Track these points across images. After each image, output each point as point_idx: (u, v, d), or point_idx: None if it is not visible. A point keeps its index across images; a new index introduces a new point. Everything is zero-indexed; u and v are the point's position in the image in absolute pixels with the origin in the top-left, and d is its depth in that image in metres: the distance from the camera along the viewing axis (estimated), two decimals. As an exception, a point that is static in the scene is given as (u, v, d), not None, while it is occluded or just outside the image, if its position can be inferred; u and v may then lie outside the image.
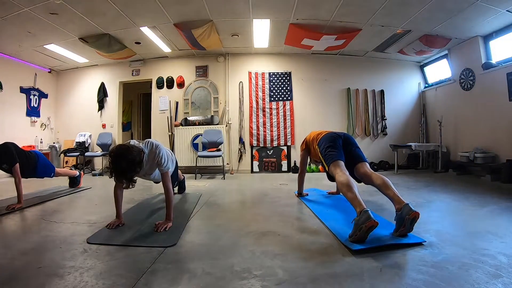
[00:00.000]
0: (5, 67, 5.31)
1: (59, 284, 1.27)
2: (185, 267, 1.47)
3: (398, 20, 4.24)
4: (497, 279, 1.26)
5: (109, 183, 4.72)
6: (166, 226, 2.04)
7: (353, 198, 1.85)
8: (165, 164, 2.17)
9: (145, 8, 3.86)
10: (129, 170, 1.85)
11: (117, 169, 1.83)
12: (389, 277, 1.32)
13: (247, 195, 3.67)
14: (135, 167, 1.87)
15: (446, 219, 2.27)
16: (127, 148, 1.88)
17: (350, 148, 2.41)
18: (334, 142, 2.39)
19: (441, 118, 5.30)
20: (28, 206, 2.81)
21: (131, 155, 1.85)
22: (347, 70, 6.05)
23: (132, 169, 1.86)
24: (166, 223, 2.07)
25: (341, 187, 2.00)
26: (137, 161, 1.88)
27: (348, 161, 2.32)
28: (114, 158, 1.83)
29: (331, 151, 2.32)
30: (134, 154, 1.87)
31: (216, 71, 6.01)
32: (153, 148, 2.14)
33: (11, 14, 3.77)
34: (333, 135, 2.50)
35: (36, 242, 1.84)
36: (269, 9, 4.00)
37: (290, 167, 5.84)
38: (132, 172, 1.87)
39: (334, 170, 2.19)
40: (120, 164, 1.82)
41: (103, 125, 6.25)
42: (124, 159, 1.83)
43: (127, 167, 1.84)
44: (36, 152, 3.31)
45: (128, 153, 1.85)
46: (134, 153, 1.88)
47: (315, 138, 2.68)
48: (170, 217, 2.11)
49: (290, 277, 1.34)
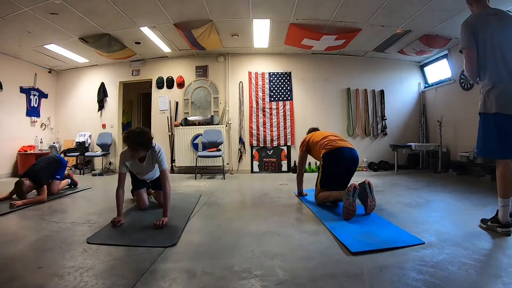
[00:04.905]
0: (5, 67, 5.30)
1: (59, 284, 1.27)
2: (185, 267, 1.47)
3: (398, 20, 4.24)
4: (497, 279, 1.26)
5: (109, 183, 4.73)
6: (162, 221, 2.14)
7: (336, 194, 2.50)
8: (163, 162, 2.47)
9: (145, 8, 3.86)
10: (145, 143, 2.32)
11: (135, 141, 2.27)
12: (389, 277, 1.32)
13: (247, 195, 3.67)
14: (148, 142, 2.36)
15: (446, 219, 2.27)
16: (142, 129, 2.42)
17: (351, 169, 2.72)
18: (338, 170, 2.67)
19: (441, 118, 5.31)
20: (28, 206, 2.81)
21: (145, 132, 2.36)
22: (347, 70, 6.05)
23: (147, 142, 2.33)
24: (163, 220, 2.18)
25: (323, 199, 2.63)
26: (149, 138, 2.36)
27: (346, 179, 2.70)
28: (133, 133, 2.28)
29: (330, 180, 2.68)
30: (147, 132, 2.38)
31: (216, 71, 6.01)
32: (155, 148, 2.47)
33: (11, 14, 3.77)
34: (340, 159, 2.64)
35: (36, 242, 1.84)
36: (269, 9, 4.00)
37: (290, 167, 5.84)
38: (147, 144, 2.34)
39: (321, 191, 2.67)
40: (137, 139, 2.27)
41: (103, 125, 6.24)
42: (141, 134, 2.31)
43: (143, 141, 2.31)
44: (63, 159, 3.67)
45: (144, 131, 2.36)
46: (147, 132, 2.38)
47: (321, 145, 2.78)
48: (166, 213, 2.25)
49: (290, 277, 1.34)
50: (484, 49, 1.89)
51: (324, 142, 2.79)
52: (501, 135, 1.82)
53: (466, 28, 1.95)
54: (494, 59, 1.87)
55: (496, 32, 1.88)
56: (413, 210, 2.57)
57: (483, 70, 1.91)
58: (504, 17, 1.93)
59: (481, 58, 1.91)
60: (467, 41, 1.94)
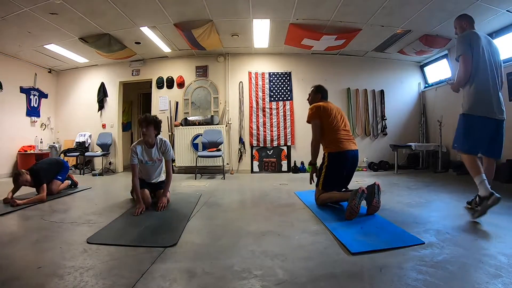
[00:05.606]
0: (5, 67, 5.31)
1: (59, 284, 1.27)
2: (185, 267, 1.47)
3: (398, 20, 4.24)
4: (497, 279, 1.26)
5: (109, 183, 4.73)
6: (163, 204, 2.53)
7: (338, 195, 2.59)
8: (170, 152, 2.84)
9: (145, 8, 3.86)
10: (156, 123, 2.76)
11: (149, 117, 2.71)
12: (389, 277, 1.32)
13: (247, 195, 3.67)
14: (159, 123, 2.79)
15: (446, 219, 2.27)
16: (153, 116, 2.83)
17: (352, 171, 2.80)
18: (341, 172, 2.70)
19: (441, 118, 5.30)
20: (28, 206, 2.81)
21: (156, 116, 2.81)
22: (347, 70, 6.05)
23: (158, 123, 2.77)
24: (163, 201, 2.56)
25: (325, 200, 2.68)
26: (159, 121, 2.80)
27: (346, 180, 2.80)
28: (145, 116, 2.72)
29: (332, 181, 2.69)
30: (157, 117, 2.81)
31: (216, 71, 6.00)
32: (162, 139, 2.85)
33: (11, 14, 3.77)
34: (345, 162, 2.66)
35: (36, 242, 1.84)
36: (269, 9, 4.00)
37: (290, 167, 5.84)
38: (157, 124, 2.77)
39: (324, 192, 2.69)
40: (150, 117, 2.72)
41: (103, 125, 6.24)
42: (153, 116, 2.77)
43: (155, 119, 2.76)
44: (65, 163, 3.72)
45: (155, 116, 2.81)
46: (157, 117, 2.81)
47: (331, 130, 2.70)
48: (166, 193, 2.68)
49: (290, 277, 1.34)
50: (478, 61, 2.21)
51: (335, 133, 2.66)
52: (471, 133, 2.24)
53: (464, 39, 2.28)
54: (485, 71, 2.21)
55: (487, 49, 2.25)
56: (413, 210, 2.57)
57: (472, 78, 2.24)
58: (490, 40, 2.36)
59: (474, 67, 2.23)
60: (464, 49, 2.25)
